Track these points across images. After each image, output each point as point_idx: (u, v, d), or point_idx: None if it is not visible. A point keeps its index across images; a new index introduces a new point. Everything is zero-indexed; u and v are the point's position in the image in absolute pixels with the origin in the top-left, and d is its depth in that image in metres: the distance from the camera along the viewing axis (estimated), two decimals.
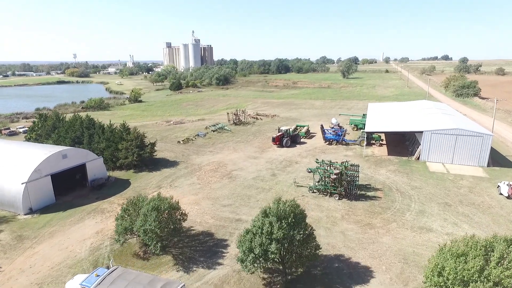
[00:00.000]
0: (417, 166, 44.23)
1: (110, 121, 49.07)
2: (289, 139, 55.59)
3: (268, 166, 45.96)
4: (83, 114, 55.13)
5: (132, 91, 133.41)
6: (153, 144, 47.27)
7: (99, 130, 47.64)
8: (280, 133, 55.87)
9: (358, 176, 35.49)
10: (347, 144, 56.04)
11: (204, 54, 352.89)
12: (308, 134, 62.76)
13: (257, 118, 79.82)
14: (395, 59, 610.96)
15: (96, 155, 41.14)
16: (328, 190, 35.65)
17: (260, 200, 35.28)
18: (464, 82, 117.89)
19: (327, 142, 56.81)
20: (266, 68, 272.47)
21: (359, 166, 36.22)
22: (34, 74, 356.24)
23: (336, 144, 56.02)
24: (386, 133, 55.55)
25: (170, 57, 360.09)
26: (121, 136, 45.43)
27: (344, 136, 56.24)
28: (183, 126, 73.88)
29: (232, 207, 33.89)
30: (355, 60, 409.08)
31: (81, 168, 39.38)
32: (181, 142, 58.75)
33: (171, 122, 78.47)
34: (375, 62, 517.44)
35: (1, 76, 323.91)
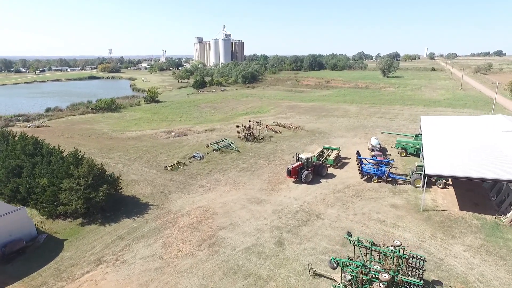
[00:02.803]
0: None
1: (59, 146, 36.00)
2: (310, 171, 40.00)
3: (274, 222, 30.90)
4: (30, 134, 42.71)
5: (149, 90, 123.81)
6: (113, 182, 33.75)
7: (44, 159, 34.79)
8: (298, 163, 40.41)
9: (423, 276, 19.77)
10: (393, 181, 39.56)
11: (234, 50, 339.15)
12: (339, 162, 46.65)
13: (275, 131, 64.54)
14: (441, 55, 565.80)
15: (14, 206, 28.26)
16: None
17: None
18: None
19: (365, 178, 40.61)
20: (298, 64, 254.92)
21: (425, 260, 20.34)
22: (69, 70, 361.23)
23: (377, 181, 39.54)
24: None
25: (201, 53, 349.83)
26: (67, 170, 32.22)
27: (389, 169, 39.64)
28: (184, 140, 60.27)
29: None
30: (395, 56, 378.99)
31: None
32: (169, 168, 44.93)
33: (172, 133, 65.15)
34: (418, 58, 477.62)
35: (39, 71, 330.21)
